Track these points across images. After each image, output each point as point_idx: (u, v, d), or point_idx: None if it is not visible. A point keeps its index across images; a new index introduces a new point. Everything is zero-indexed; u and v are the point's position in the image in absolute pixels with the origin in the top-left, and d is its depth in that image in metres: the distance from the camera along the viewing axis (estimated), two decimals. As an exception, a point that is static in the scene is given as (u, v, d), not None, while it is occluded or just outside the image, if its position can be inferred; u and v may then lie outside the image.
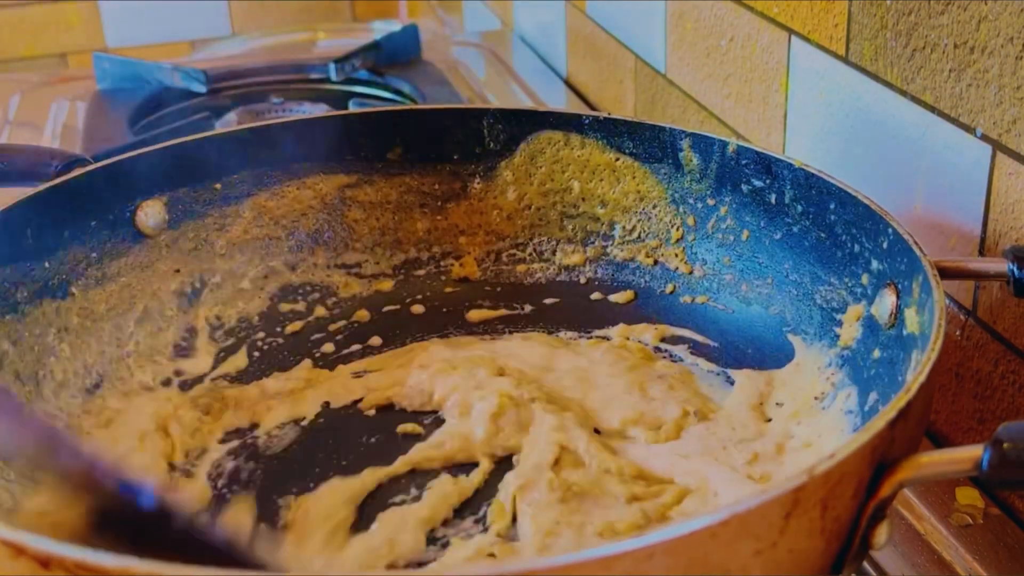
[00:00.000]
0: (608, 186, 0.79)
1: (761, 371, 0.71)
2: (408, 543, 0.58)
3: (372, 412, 0.70)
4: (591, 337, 0.76)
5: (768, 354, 0.72)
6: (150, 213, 0.74)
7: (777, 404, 0.68)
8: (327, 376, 0.73)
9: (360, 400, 0.70)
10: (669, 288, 0.78)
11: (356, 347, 0.76)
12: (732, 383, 0.71)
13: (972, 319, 0.68)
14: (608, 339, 0.76)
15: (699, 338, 0.75)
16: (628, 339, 0.76)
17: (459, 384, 0.69)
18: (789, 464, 0.63)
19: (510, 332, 0.77)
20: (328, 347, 0.76)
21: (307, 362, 0.74)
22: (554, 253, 0.81)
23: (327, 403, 0.70)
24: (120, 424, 0.67)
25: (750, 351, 0.73)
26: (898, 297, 0.60)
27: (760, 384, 0.70)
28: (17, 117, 1.22)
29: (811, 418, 0.65)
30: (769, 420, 0.67)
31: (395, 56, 1.28)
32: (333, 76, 1.23)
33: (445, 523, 0.60)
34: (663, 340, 0.76)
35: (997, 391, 0.66)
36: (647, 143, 0.77)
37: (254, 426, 0.68)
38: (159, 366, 0.72)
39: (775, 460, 0.63)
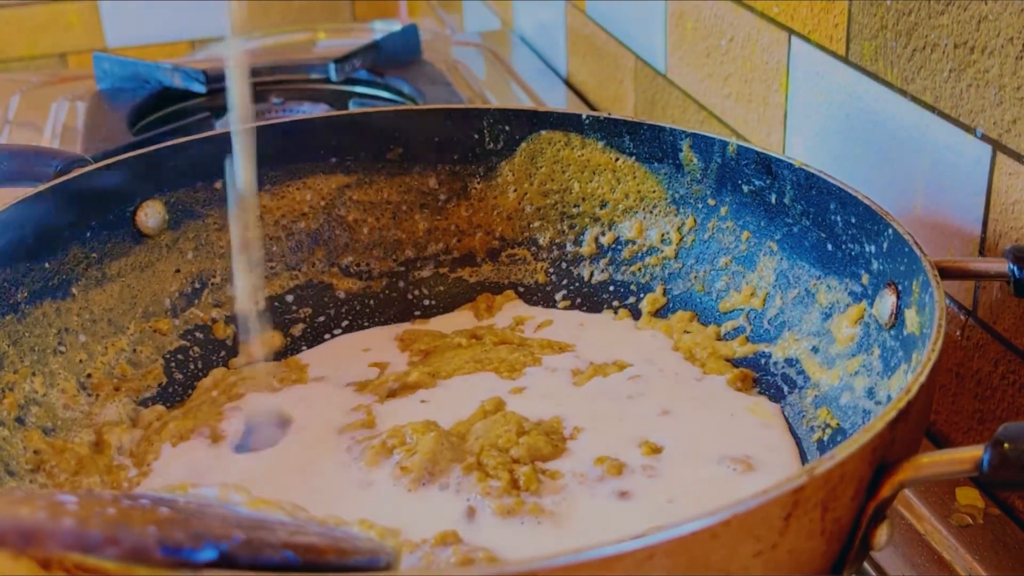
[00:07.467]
0: (608, 186, 0.79)
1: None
2: None
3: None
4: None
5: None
6: (150, 213, 0.74)
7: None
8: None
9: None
10: (669, 288, 0.78)
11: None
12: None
13: (972, 319, 0.68)
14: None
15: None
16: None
17: None
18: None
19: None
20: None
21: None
22: (554, 253, 0.81)
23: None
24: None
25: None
26: (898, 297, 0.60)
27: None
28: (17, 117, 1.22)
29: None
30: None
31: (395, 56, 1.28)
32: (333, 76, 1.23)
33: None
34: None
35: (997, 391, 0.66)
36: (647, 143, 0.77)
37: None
38: (159, 366, 0.72)
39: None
